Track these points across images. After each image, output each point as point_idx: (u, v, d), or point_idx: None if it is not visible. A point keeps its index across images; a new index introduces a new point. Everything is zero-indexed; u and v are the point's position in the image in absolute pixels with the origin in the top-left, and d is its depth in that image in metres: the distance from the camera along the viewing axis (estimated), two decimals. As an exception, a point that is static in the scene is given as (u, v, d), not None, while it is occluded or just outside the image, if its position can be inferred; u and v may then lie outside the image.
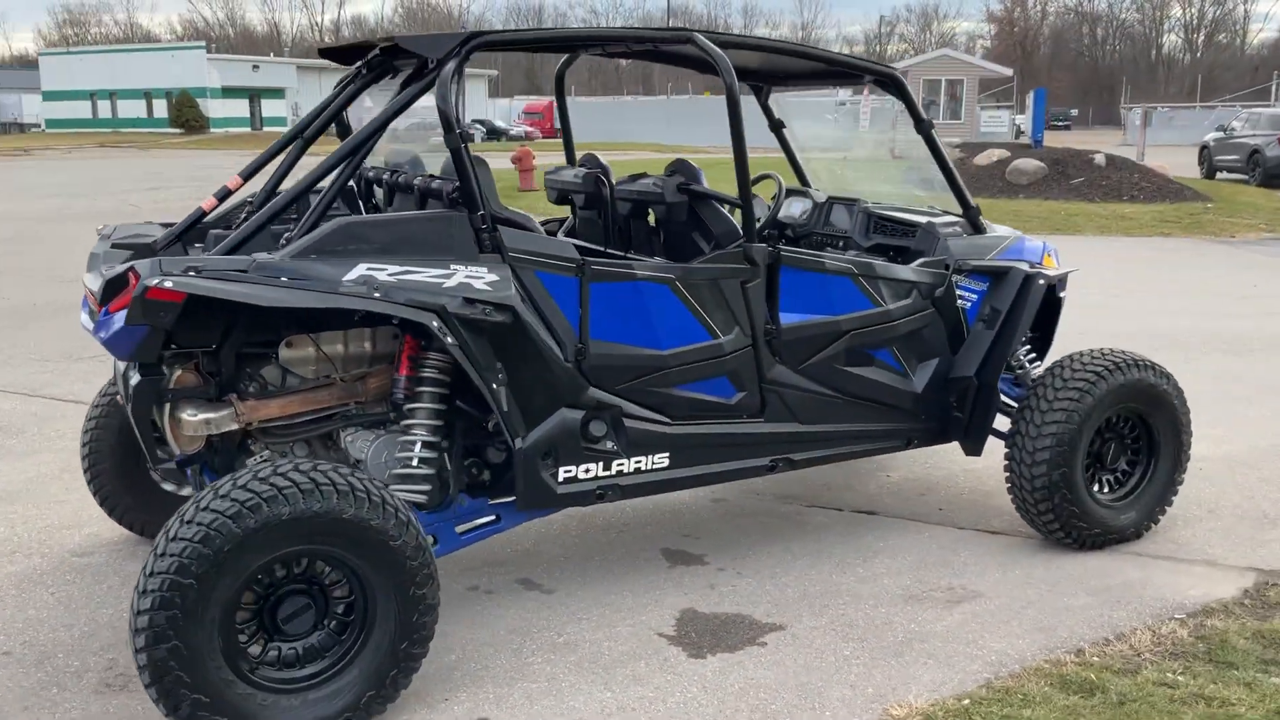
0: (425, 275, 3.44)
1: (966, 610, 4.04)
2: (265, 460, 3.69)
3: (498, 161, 25.26)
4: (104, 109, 68.21)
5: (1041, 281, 4.57)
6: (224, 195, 4.01)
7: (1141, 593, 4.19)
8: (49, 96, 70.08)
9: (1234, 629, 3.86)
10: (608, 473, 3.90)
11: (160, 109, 65.11)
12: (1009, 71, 38.25)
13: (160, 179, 25.64)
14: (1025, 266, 4.63)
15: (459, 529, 3.80)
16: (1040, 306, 4.97)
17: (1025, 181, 19.62)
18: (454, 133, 3.52)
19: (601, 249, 4.54)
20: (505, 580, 4.28)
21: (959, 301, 4.55)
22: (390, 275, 3.39)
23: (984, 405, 4.52)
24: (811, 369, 4.22)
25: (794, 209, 5.42)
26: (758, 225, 5.20)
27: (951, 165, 4.61)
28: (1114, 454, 4.60)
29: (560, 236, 5.16)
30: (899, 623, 3.94)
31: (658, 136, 50.59)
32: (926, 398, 4.52)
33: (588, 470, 3.86)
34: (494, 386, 3.55)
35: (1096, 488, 4.59)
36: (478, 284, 3.51)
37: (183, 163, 32.92)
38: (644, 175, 4.73)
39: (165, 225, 4.16)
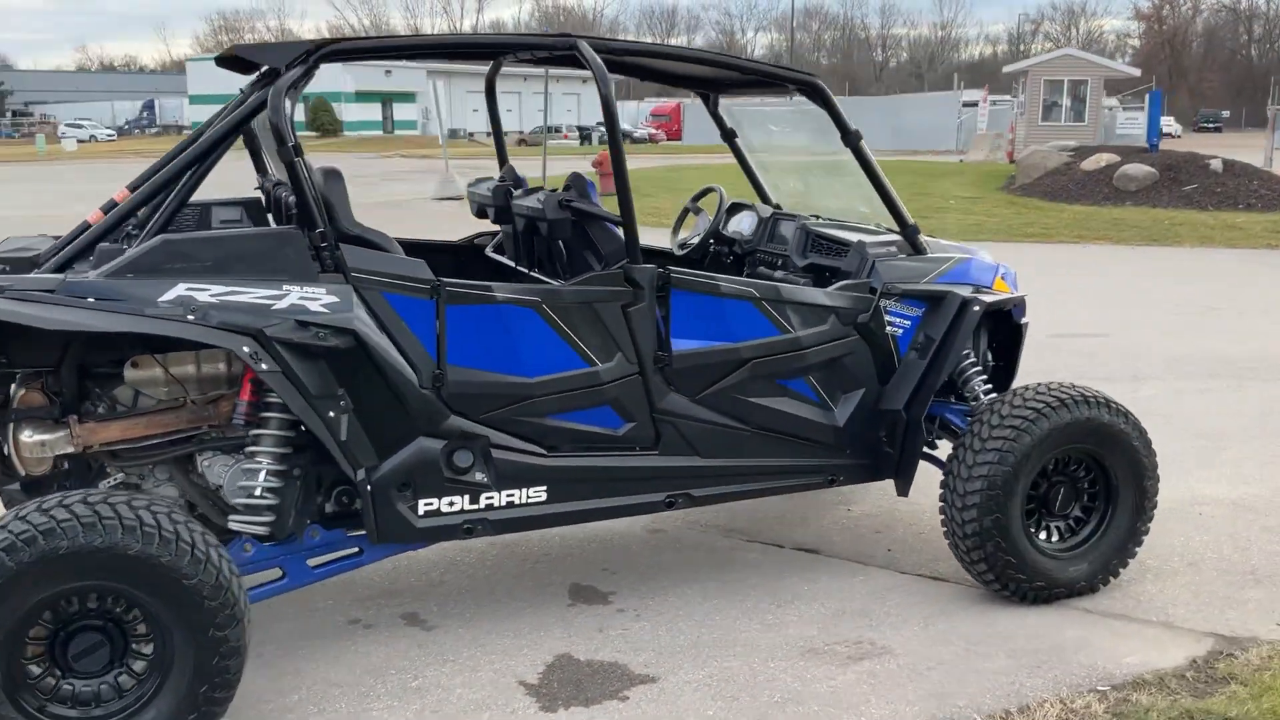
0: (252, 296, 3.28)
1: (864, 669, 3.69)
2: (110, 485, 3.59)
3: (579, 166, 25.16)
4: (242, 113, 70.85)
5: (977, 308, 4.17)
6: (109, 208, 3.92)
7: (1072, 657, 3.77)
8: (195, 100, 73.07)
9: (1160, 707, 3.43)
10: (475, 506, 3.68)
11: (298, 113, 67.37)
12: (1137, 71, 36.51)
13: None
14: (965, 291, 4.23)
15: (313, 562, 3.63)
16: (1003, 335, 4.58)
17: (1133, 188, 18.63)
18: (286, 146, 3.35)
19: (512, 266, 4.33)
20: (390, 614, 4.10)
21: (889, 328, 4.19)
22: (212, 296, 3.24)
23: (911, 441, 4.15)
24: (712, 399, 3.92)
25: (744, 224, 5.11)
26: (697, 241, 4.95)
27: (884, 179, 4.25)
28: (1064, 499, 4.17)
29: (489, 252, 4.97)
30: (783, 680, 3.62)
31: (777, 139, 49.96)
32: (851, 432, 4.18)
33: (452, 503, 3.65)
34: (329, 414, 3.37)
35: (1044, 535, 4.17)
36: (313, 305, 3.34)
37: (346, 163, 33.79)
38: (539, 189, 4.49)
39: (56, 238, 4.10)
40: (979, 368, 4.48)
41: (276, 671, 3.67)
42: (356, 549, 3.68)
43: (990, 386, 4.49)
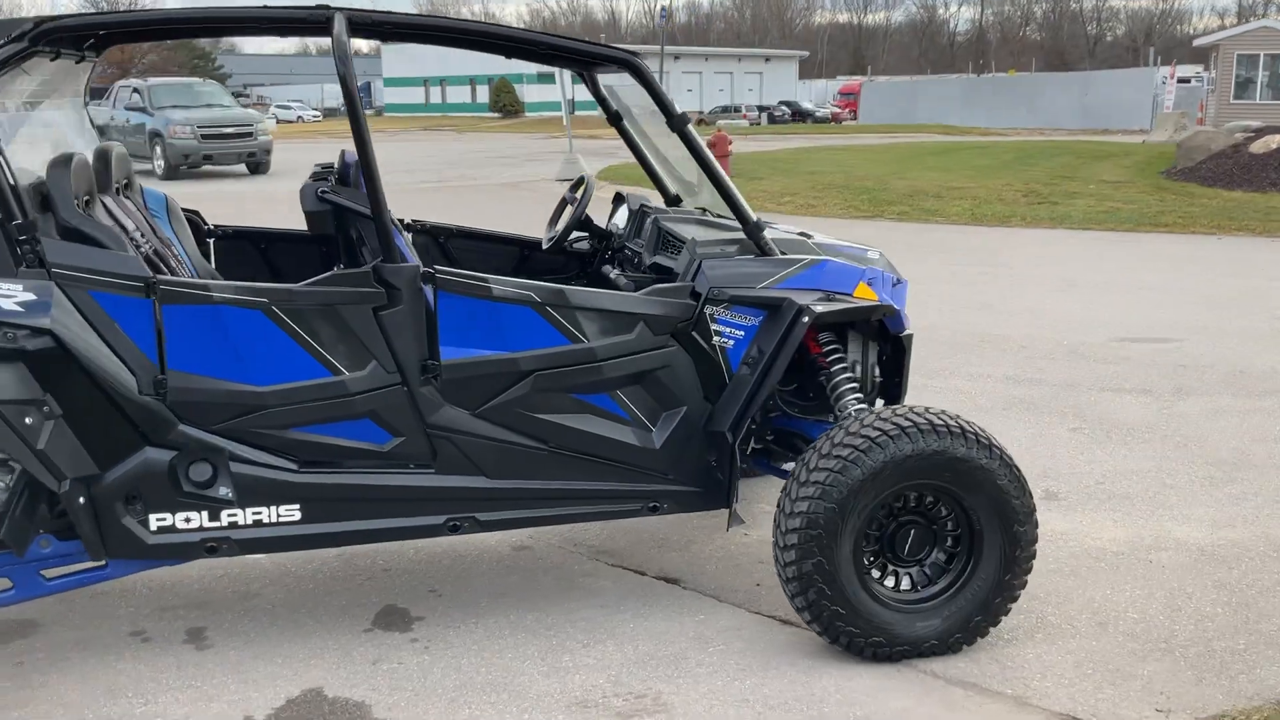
0: None
1: (625, 730, 3.23)
2: None
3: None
4: (435, 94, 73.16)
5: (806, 319, 3.60)
6: None
7: (875, 733, 3.21)
8: (389, 83, 76.02)
9: (939, 806, 2.85)
10: (217, 524, 3.41)
11: (483, 94, 68.95)
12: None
13: (444, 160, 26.64)
14: (808, 299, 3.67)
15: (48, 574, 3.43)
16: (891, 350, 4.00)
17: (1307, 173, 16.81)
18: None
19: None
20: (178, 628, 3.87)
21: (718, 340, 3.67)
22: None
23: (731, 468, 3.64)
24: (495, 414, 3.52)
25: (620, 218, 4.64)
26: (559, 232, 4.52)
27: (718, 169, 3.72)
28: (914, 544, 3.58)
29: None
30: (525, 737, 3.20)
31: (954, 118, 48.06)
32: (673, 455, 3.69)
33: (189, 520, 3.39)
34: (25, 421, 3.15)
35: (892, 583, 3.60)
36: (6, 304, 3.11)
37: (485, 145, 34.64)
38: (326, 179, 4.13)
39: None
40: (854, 383, 3.91)
41: (20, 684, 3.50)
42: (102, 562, 3.46)
43: (861, 406, 3.91)
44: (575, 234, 4.66)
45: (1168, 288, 10.02)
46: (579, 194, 4.52)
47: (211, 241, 4.46)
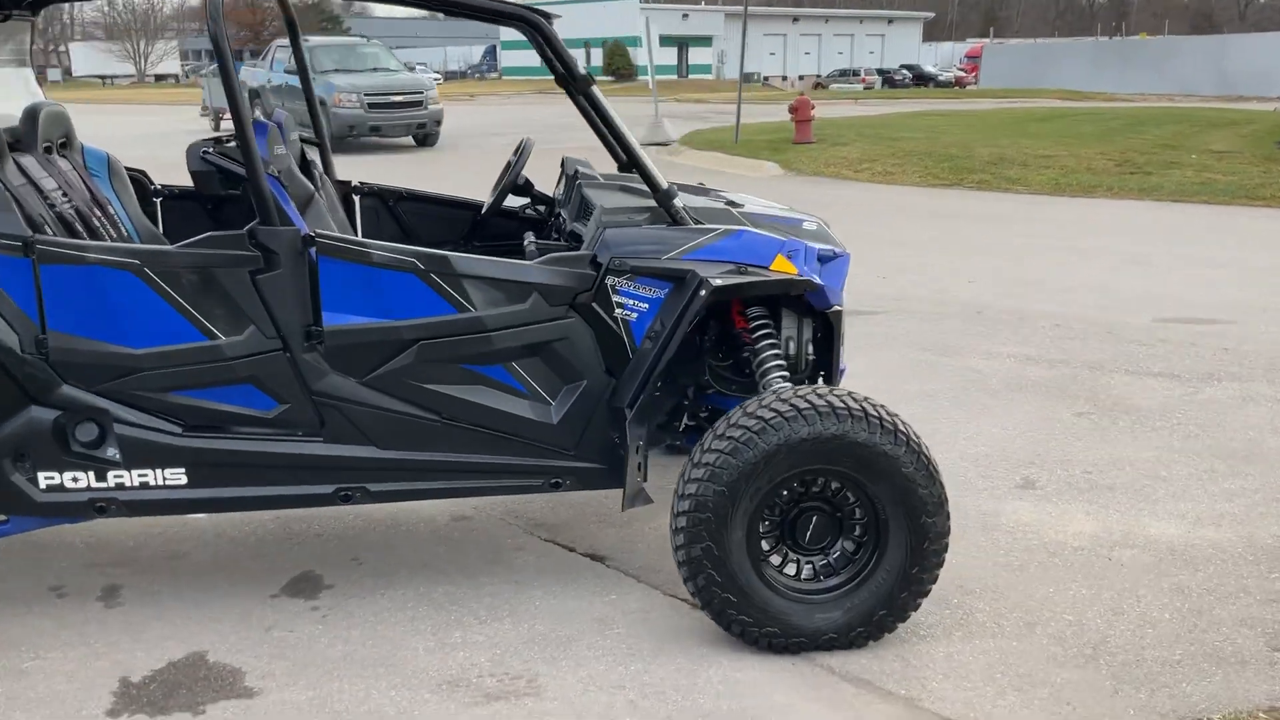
0: None
1: (487, 712, 3.14)
2: None
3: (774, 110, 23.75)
4: (548, 58, 73.33)
5: (704, 291, 3.42)
6: None
7: (743, 730, 3.06)
8: (506, 46, 76.45)
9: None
10: (104, 484, 3.42)
11: (597, 57, 68.88)
12: None
13: (533, 124, 26.72)
14: (714, 270, 3.49)
15: (-53, 528, 3.49)
16: (819, 326, 3.81)
17: None
18: None
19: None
20: (97, 585, 3.90)
21: (620, 312, 3.52)
22: None
23: (630, 445, 3.49)
24: (382, 383, 3.45)
25: (562, 183, 4.49)
26: (493, 197, 4.41)
27: (623, 133, 3.55)
28: (816, 532, 3.39)
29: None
30: (385, 713, 3.14)
31: (1080, 82, 46.17)
32: (574, 430, 3.57)
33: (76, 479, 3.40)
34: None
35: (792, 571, 3.42)
36: (-109, 263, 3.15)
37: (564, 109, 34.45)
38: (218, 141, 4.06)
39: None
40: (779, 360, 3.72)
41: (-75, 635, 3.57)
42: (4, 518, 3.50)
43: (785, 385, 3.71)
44: (525, 200, 4.55)
45: (1240, 265, 9.43)
46: (519, 156, 4.40)
47: (159, 201, 4.47)
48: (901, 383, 6.12)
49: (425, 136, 20.60)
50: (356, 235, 4.62)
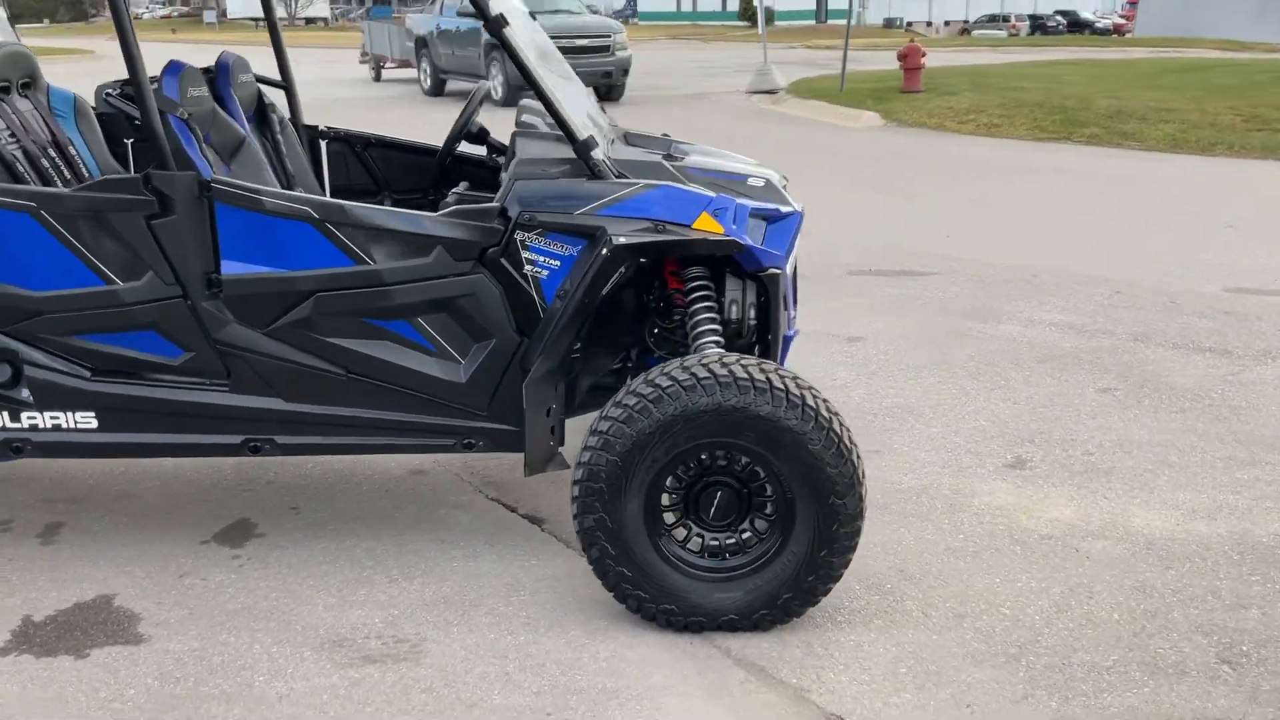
0: None
1: (354, 676, 3.07)
2: None
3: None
4: (686, 3, 72.59)
5: (606, 250, 3.24)
6: None
7: (605, 705, 2.92)
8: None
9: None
10: (18, 425, 3.46)
11: (733, 3, 67.90)
12: None
13: (647, 70, 26.30)
14: (624, 228, 3.29)
15: (-119, 462, 3.57)
16: (757, 290, 3.60)
17: None
18: None
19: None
20: (42, 521, 3.97)
21: (530, 269, 3.37)
22: None
23: (531, 408, 3.36)
24: (285, 335, 3.38)
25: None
26: (444, 144, 4.28)
27: (536, 78, 3.35)
28: (721, 507, 3.21)
29: None
30: (253, 670, 3.10)
31: (1245, 32, 43.29)
32: (483, 390, 3.45)
33: (-8, 419, 3.44)
34: None
35: (696, 547, 3.25)
36: None
37: (708, 55, 34.18)
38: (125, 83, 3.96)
39: None
40: (713, 325, 3.53)
41: None
42: None
43: (718, 352, 3.52)
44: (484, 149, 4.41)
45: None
46: (470, 103, 4.25)
47: (129, 143, 4.47)
48: (921, 350, 5.80)
49: (610, 89, 16.69)
50: (323, 184, 4.56)
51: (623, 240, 3.25)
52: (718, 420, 3.05)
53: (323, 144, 4.57)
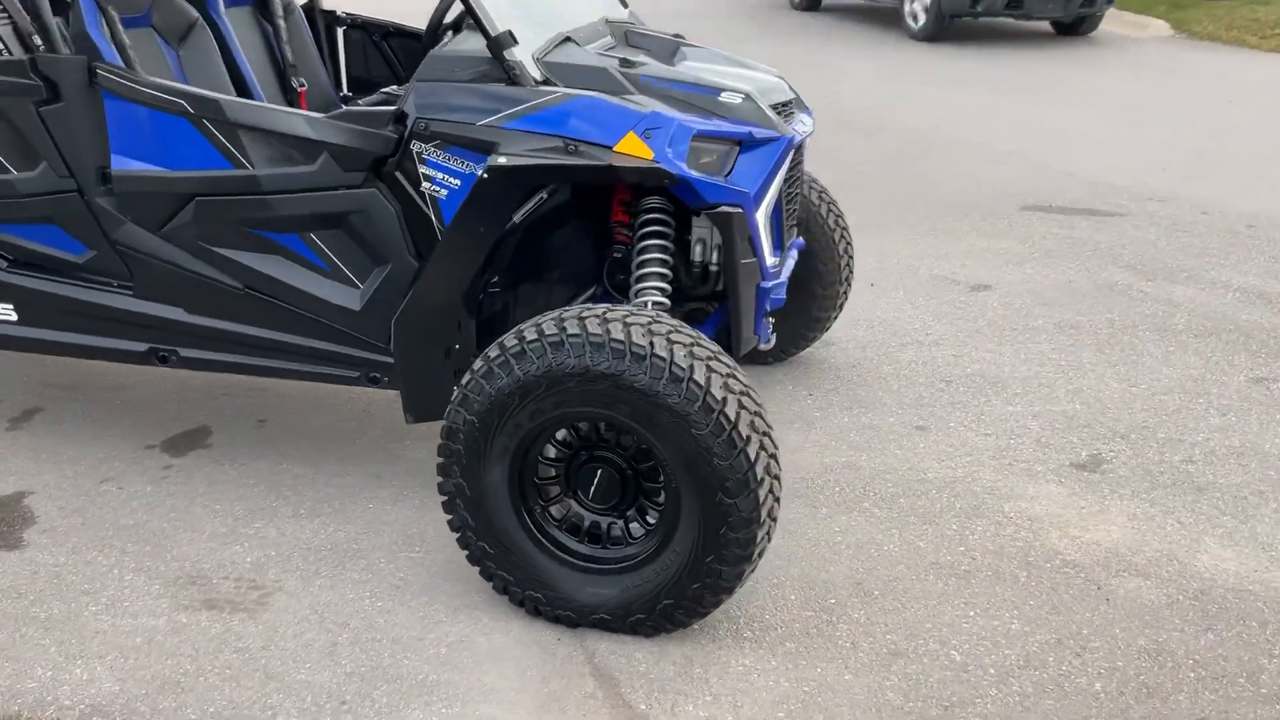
0: None
1: (187, 619, 2.82)
2: None
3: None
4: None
5: (485, 174, 2.72)
6: None
7: (406, 689, 2.53)
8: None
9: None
10: None
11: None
12: None
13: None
14: (526, 145, 2.76)
15: None
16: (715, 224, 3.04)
17: None
18: None
19: None
20: (24, 405, 3.96)
21: (428, 186, 2.91)
22: None
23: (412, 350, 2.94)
24: (176, 240, 3.11)
25: None
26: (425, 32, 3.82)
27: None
28: (603, 488, 2.71)
29: None
30: (95, 608, 2.91)
31: None
32: (379, 320, 3.06)
33: (-78, 302, 3.39)
34: None
35: (575, 529, 2.77)
36: None
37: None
38: None
39: None
40: (660, 270, 2.98)
41: None
42: None
43: (659, 300, 2.97)
44: None
45: None
46: None
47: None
48: (1052, 308, 4.90)
49: (1079, 21, 12.81)
50: (338, 76, 4.23)
51: (502, 162, 2.73)
52: (586, 388, 2.53)
53: (340, 31, 4.23)
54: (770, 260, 3.12)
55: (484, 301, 3.11)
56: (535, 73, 2.88)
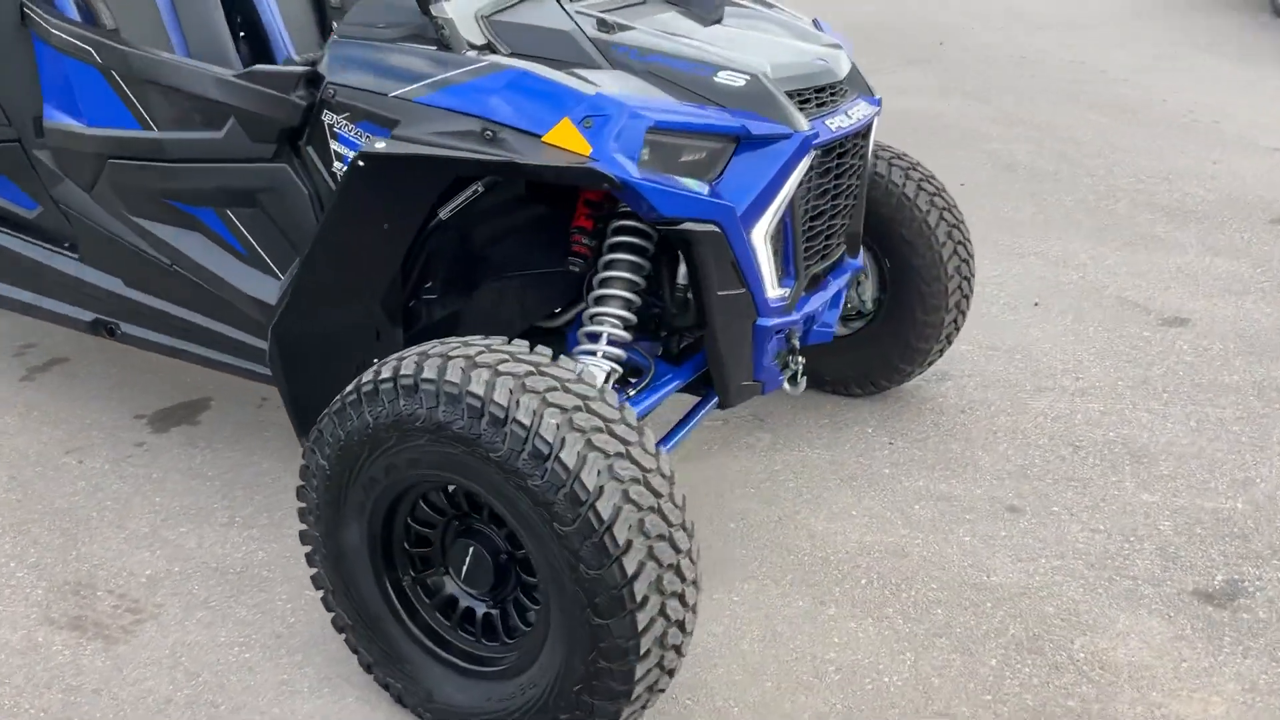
0: None
1: (44, 637, 2.50)
2: None
3: None
4: None
5: (360, 162, 2.15)
6: None
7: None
8: None
9: None
10: None
11: None
12: None
13: None
14: (435, 127, 2.19)
15: None
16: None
17: None
18: None
19: None
20: (48, 357, 3.80)
21: (340, 165, 2.39)
22: None
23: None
24: (103, 204, 2.77)
25: None
26: None
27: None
28: (475, 568, 2.16)
29: None
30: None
31: None
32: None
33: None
34: None
35: (449, 614, 2.24)
36: None
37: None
38: None
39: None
40: (622, 291, 2.38)
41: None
42: None
43: (622, 329, 2.37)
44: None
45: None
46: None
47: None
48: (1259, 362, 3.84)
49: None
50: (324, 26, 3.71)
51: (380, 148, 2.17)
52: (441, 449, 1.97)
53: None
54: (775, 293, 2.42)
55: (421, 309, 2.58)
56: (475, 34, 2.30)
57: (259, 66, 2.46)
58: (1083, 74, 7.92)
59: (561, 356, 2.05)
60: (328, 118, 2.36)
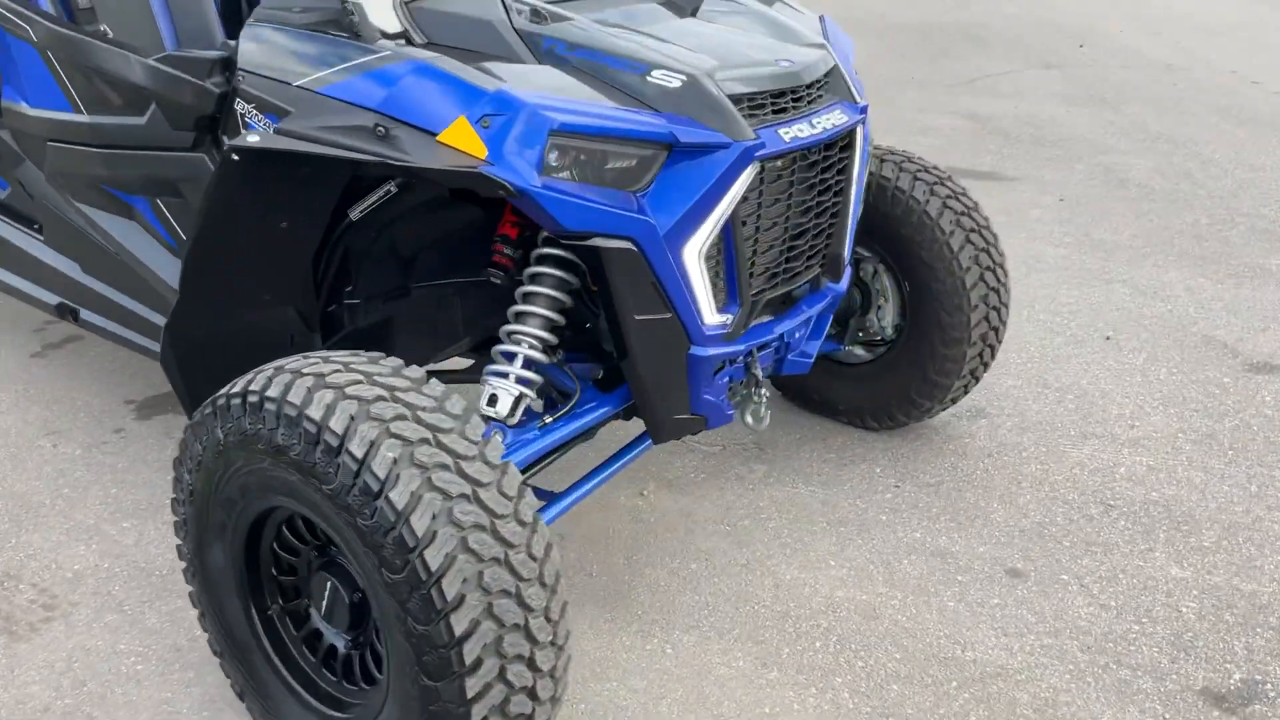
0: None
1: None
2: None
3: None
4: None
5: (232, 154, 1.98)
6: None
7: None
8: None
9: None
10: None
11: None
12: None
13: None
14: (328, 120, 2.01)
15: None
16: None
17: None
18: None
19: None
20: (37, 344, 3.81)
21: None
22: None
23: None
24: (57, 187, 2.70)
25: None
26: None
27: None
28: (333, 607, 1.98)
29: None
30: (-100, 578, 2.62)
31: None
32: (226, 319, 2.47)
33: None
34: None
35: (316, 653, 2.08)
36: None
37: None
38: None
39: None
40: (544, 309, 2.18)
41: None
42: None
43: (540, 352, 2.16)
44: None
45: None
46: None
47: None
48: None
49: None
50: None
51: (253, 141, 1.99)
52: (282, 475, 1.80)
53: None
54: (713, 319, 2.16)
55: (343, 314, 2.42)
56: (392, 22, 2.11)
57: (177, 51, 2.34)
58: (1233, 84, 7.28)
59: (433, 380, 1.86)
60: (239, 106, 2.22)
